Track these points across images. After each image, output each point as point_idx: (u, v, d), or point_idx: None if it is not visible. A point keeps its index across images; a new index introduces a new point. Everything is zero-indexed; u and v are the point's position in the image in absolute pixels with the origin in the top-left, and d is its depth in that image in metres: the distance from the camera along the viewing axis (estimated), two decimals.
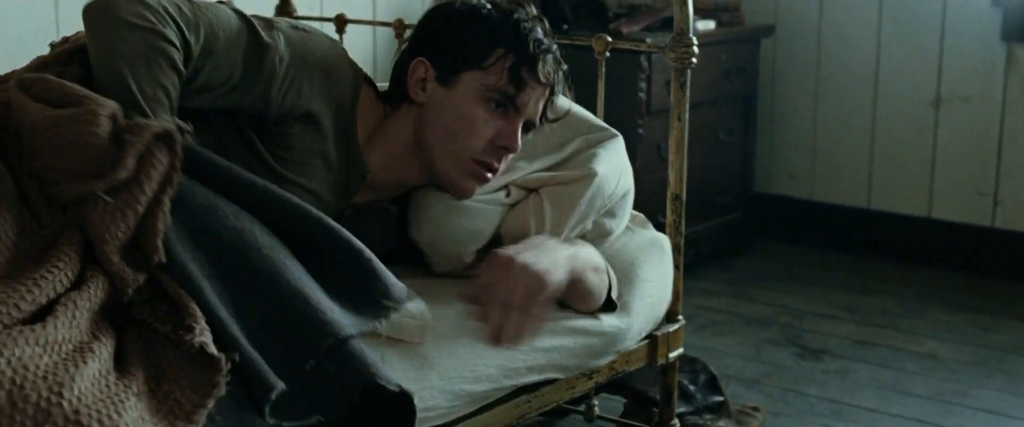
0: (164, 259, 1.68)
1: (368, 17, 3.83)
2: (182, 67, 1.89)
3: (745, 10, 4.39)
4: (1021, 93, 4.15)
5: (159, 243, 1.68)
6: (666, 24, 3.99)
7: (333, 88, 2.09)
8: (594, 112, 2.55)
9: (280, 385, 1.67)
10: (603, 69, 2.63)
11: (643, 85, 3.88)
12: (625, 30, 3.89)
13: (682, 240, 2.56)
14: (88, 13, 1.88)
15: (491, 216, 2.28)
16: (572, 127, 2.41)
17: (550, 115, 2.25)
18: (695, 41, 2.50)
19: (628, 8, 4.10)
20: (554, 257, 2.05)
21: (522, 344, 2.03)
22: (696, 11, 2.43)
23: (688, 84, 2.52)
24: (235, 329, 1.69)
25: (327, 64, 2.08)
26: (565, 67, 2.24)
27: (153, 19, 1.86)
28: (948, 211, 4.36)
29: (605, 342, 2.33)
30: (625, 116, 3.80)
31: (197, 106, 1.97)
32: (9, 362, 1.46)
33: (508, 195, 2.32)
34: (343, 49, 2.18)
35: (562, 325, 2.25)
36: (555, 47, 2.22)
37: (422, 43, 2.21)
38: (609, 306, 2.31)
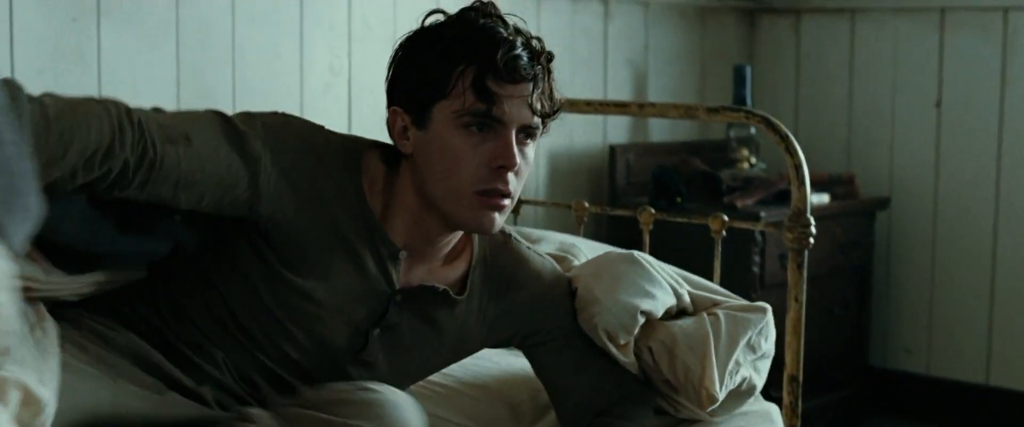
0: None
1: None
2: (114, 162, 1.77)
3: (860, 183, 4.37)
4: None
5: None
6: (780, 197, 3.98)
7: (330, 167, 1.96)
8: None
9: None
10: (719, 248, 2.63)
11: (757, 259, 3.87)
12: (739, 204, 3.90)
13: (799, 422, 2.52)
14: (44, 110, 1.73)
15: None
16: (717, 293, 2.39)
17: (548, 106, 1.97)
18: (813, 221, 2.49)
19: (742, 181, 4.11)
20: None
21: None
22: (810, 184, 2.45)
23: (805, 264, 2.50)
24: None
25: (315, 143, 1.96)
26: (542, 48, 1.97)
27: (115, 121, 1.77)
28: None
29: None
30: (738, 290, 3.75)
31: (191, 207, 1.88)
32: None
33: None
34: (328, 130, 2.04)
35: None
36: (522, 39, 1.95)
37: (391, 90, 2.01)
38: None
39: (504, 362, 2.53)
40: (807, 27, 4.67)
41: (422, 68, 1.94)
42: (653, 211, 2.72)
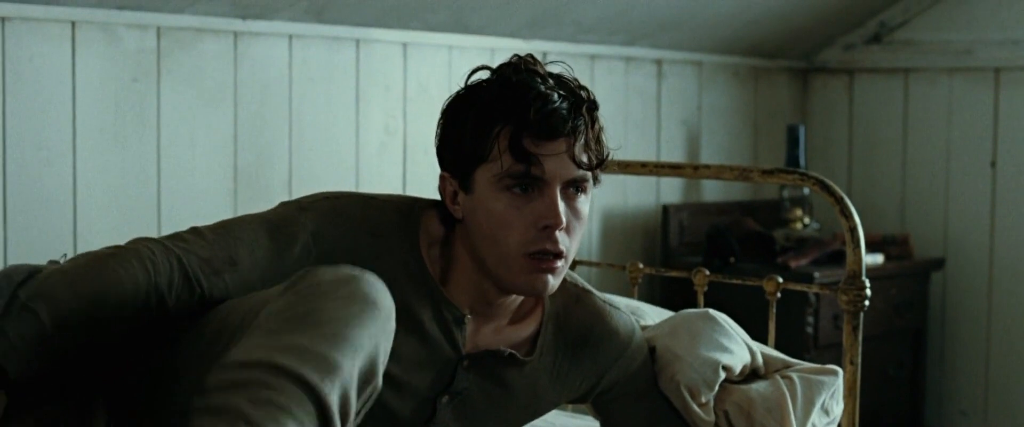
0: None
1: None
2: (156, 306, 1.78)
3: (914, 243, 4.35)
4: None
5: None
6: (834, 257, 3.97)
7: (390, 241, 1.91)
8: None
9: None
10: (774, 310, 2.62)
11: (810, 319, 3.85)
12: (793, 264, 3.88)
13: None
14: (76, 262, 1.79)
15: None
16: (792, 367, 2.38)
17: (594, 157, 1.89)
18: (868, 284, 2.49)
19: (795, 241, 4.10)
20: None
21: None
22: (865, 245, 2.44)
23: (860, 326, 2.49)
24: None
25: (370, 221, 1.91)
26: (583, 97, 1.89)
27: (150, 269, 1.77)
28: None
29: None
30: (792, 351, 3.74)
31: None
32: None
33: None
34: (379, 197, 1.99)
35: None
36: (560, 92, 1.87)
37: (439, 155, 1.95)
38: None
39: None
40: (860, 86, 4.67)
41: (462, 132, 1.88)
42: (707, 272, 2.71)
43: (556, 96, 1.85)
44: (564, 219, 1.85)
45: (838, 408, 2.32)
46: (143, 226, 3.02)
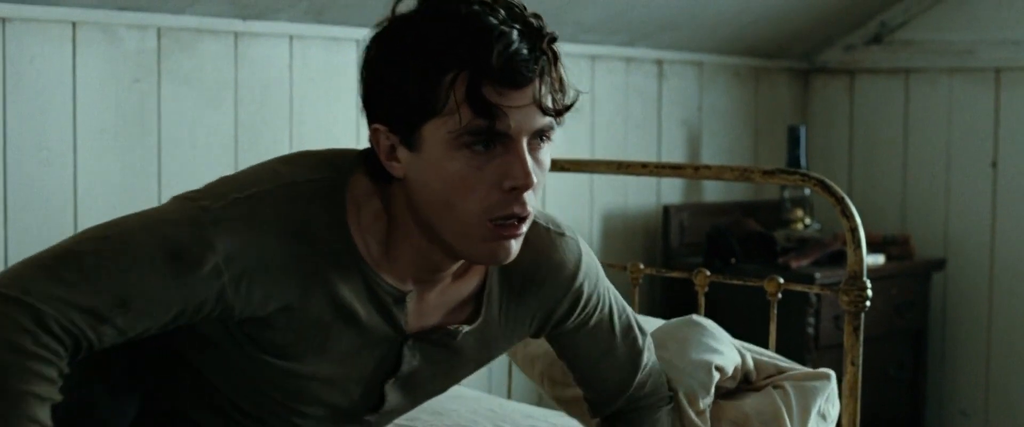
0: None
1: None
2: (63, 364, 1.51)
3: (915, 244, 4.35)
4: None
5: None
6: (835, 257, 3.97)
7: (313, 233, 1.63)
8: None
9: None
10: (775, 311, 2.62)
11: (811, 320, 3.85)
12: (794, 265, 3.88)
13: None
14: None
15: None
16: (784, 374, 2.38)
17: (561, 100, 1.62)
18: (869, 284, 2.48)
19: (796, 241, 4.10)
20: None
21: None
22: (866, 246, 2.43)
23: (861, 327, 2.49)
24: None
25: (291, 218, 1.61)
26: (542, 29, 1.60)
27: (30, 344, 1.48)
28: None
29: None
30: (793, 351, 3.75)
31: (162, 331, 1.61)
32: None
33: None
34: (308, 161, 1.70)
35: None
36: (518, 25, 1.57)
37: (370, 105, 1.65)
38: None
39: None
40: (861, 87, 4.67)
41: (402, 79, 1.58)
42: (708, 273, 2.71)
43: (516, 34, 1.56)
44: (535, 177, 1.60)
45: (835, 410, 2.32)
46: None
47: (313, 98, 3.34)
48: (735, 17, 4.19)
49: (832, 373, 2.33)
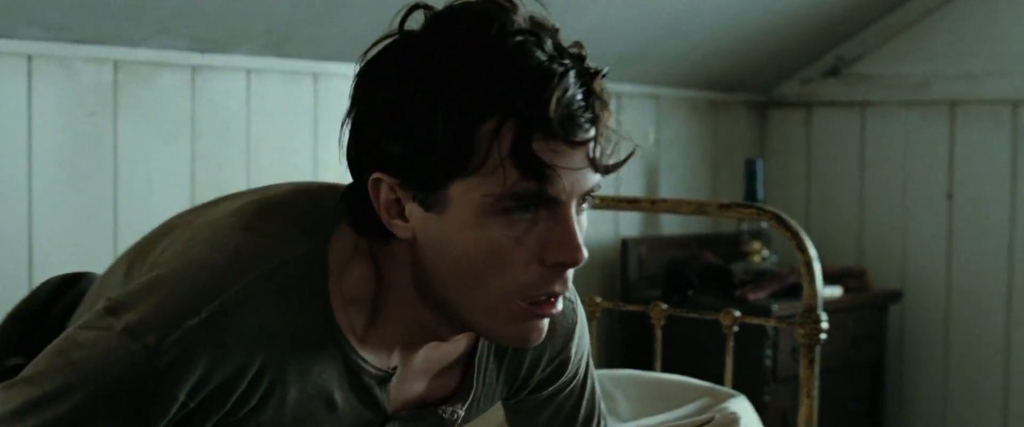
0: None
1: None
2: None
3: (872, 276, 4.37)
4: None
5: None
6: (792, 290, 3.98)
7: (292, 325, 1.32)
8: (721, 383, 2.54)
9: None
10: (731, 343, 2.63)
11: (769, 352, 3.86)
12: (751, 297, 3.90)
13: None
14: None
15: None
16: (690, 389, 2.38)
17: (612, 158, 1.32)
18: (824, 317, 2.50)
19: (754, 274, 4.11)
20: None
21: None
22: (822, 278, 2.45)
23: (817, 360, 2.50)
24: None
25: (267, 321, 1.30)
26: (590, 65, 1.31)
27: None
28: None
29: None
30: (750, 384, 3.77)
31: None
32: None
33: None
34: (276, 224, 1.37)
35: None
36: (566, 61, 1.27)
37: (368, 149, 1.33)
38: None
39: None
40: (818, 120, 4.70)
41: (424, 123, 1.24)
42: (665, 306, 2.72)
43: (572, 76, 1.26)
44: (585, 254, 1.31)
45: None
46: (100, 261, 2.99)
47: (271, 132, 3.33)
48: (692, 51, 4.21)
49: (730, 406, 2.33)
